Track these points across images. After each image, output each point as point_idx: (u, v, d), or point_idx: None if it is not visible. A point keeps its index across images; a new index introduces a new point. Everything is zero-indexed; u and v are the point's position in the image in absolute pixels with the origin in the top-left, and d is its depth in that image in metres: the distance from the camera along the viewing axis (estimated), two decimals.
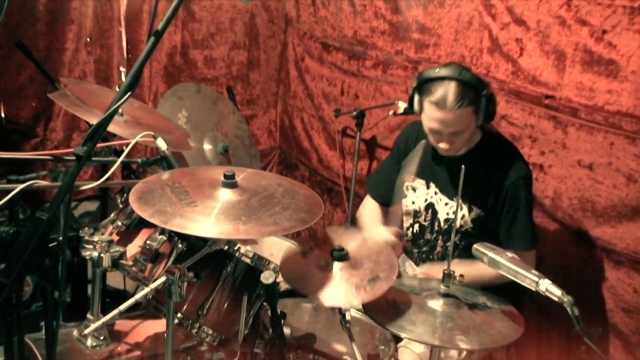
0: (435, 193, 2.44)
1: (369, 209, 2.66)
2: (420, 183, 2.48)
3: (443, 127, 2.22)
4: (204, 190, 1.78)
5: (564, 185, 2.51)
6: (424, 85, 2.22)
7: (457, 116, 2.18)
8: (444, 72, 2.18)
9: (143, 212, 1.67)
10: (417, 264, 2.54)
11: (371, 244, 2.06)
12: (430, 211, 2.46)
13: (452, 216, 2.37)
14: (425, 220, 2.48)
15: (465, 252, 2.26)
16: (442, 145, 2.28)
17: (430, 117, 2.23)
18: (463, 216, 2.35)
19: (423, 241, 2.51)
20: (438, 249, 2.47)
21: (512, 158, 2.32)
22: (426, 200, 2.46)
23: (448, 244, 2.40)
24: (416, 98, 2.27)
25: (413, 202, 2.50)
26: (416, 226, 2.51)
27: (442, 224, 2.43)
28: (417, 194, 2.49)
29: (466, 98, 2.16)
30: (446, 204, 2.41)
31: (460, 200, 2.31)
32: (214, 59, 3.97)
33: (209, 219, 1.66)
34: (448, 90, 2.16)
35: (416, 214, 2.50)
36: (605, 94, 2.33)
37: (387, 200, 2.58)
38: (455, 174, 2.30)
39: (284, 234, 2.65)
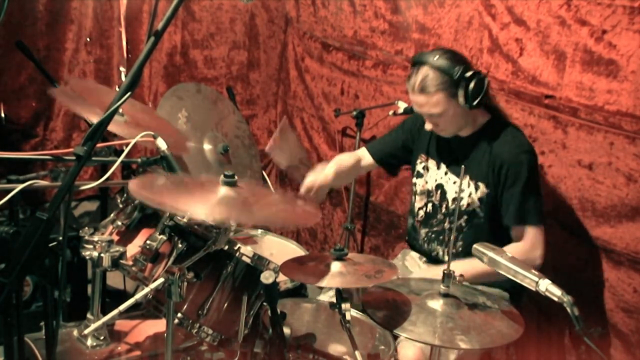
0: (445, 173, 2.47)
1: (347, 155, 2.73)
2: (432, 163, 2.52)
3: (417, 107, 2.32)
4: (204, 189, 1.78)
5: (564, 185, 2.51)
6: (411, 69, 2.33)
7: (425, 100, 2.25)
8: (421, 57, 2.27)
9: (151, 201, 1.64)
10: (423, 248, 2.55)
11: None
12: (439, 192, 2.49)
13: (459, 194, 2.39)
14: (436, 200, 2.51)
15: (470, 233, 2.34)
16: (427, 126, 2.36)
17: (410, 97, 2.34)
18: (470, 194, 2.37)
19: (435, 221, 2.52)
20: (447, 231, 2.48)
21: (517, 136, 2.35)
22: (436, 180, 2.50)
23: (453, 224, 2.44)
24: None
25: (426, 182, 2.53)
26: (429, 205, 2.53)
27: (449, 203, 2.45)
28: (430, 173, 2.52)
29: (431, 84, 2.22)
30: (454, 182, 2.43)
31: (467, 179, 2.36)
32: (214, 59, 3.97)
33: (218, 206, 1.65)
34: (418, 75, 2.24)
35: (429, 193, 2.53)
36: (605, 93, 2.33)
37: (379, 157, 2.67)
38: (462, 154, 2.39)
39: (293, 223, 2.65)
